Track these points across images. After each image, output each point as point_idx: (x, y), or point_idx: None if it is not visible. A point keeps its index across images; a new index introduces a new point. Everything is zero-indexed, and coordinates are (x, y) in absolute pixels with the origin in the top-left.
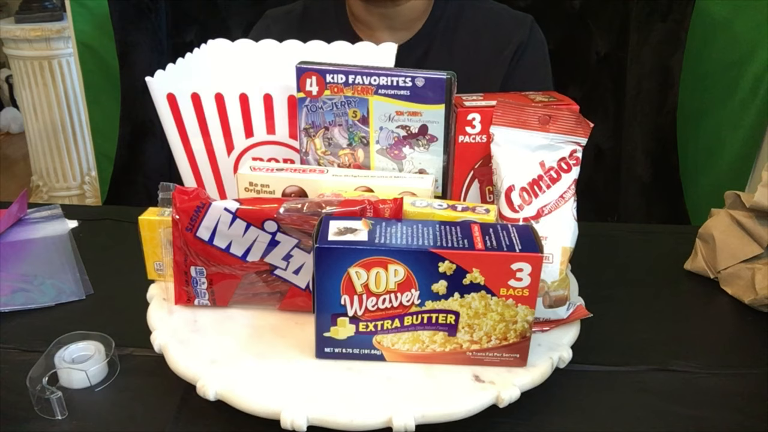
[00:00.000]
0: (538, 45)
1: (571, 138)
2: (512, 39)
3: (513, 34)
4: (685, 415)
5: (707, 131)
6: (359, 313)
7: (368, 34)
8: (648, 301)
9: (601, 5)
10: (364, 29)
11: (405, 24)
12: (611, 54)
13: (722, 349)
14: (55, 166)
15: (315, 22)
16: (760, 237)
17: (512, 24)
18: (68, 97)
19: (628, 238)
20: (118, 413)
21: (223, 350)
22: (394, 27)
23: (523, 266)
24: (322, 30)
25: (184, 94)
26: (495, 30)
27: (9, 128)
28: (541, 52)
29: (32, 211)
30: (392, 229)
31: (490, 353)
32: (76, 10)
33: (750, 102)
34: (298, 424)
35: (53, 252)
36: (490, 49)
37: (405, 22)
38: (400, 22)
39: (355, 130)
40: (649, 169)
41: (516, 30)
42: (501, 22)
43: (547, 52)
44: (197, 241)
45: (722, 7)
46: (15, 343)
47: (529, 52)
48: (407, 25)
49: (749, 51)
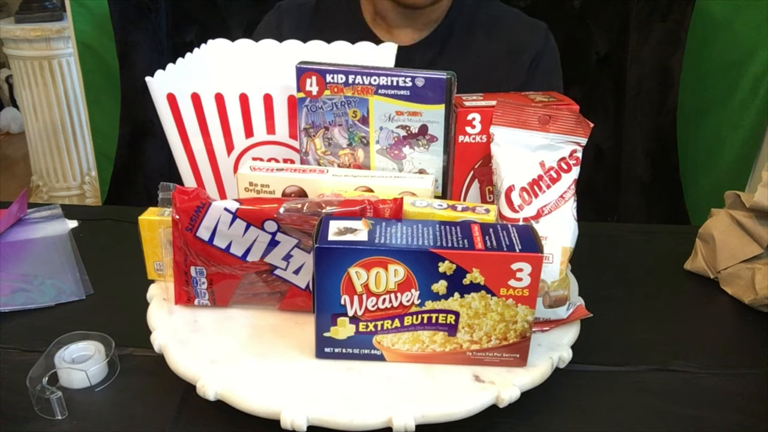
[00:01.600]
0: (553, 53)
1: (571, 138)
2: (528, 46)
3: (529, 41)
4: (685, 415)
5: (707, 131)
6: (359, 313)
7: (385, 30)
8: (648, 301)
9: (601, 5)
10: (382, 25)
11: (428, 24)
12: (611, 54)
13: (722, 349)
14: (55, 166)
15: (327, 17)
16: (760, 237)
17: (527, 30)
18: (68, 97)
19: (628, 238)
20: (118, 413)
21: (223, 350)
22: (415, 27)
23: (523, 266)
24: (334, 24)
25: (184, 94)
26: (509, 34)
27: (9, 128)
28: (555, 59)
29: (32, 211)
30: (392, 229)
31: (490, 353)
32: (76, 10)
33: (750, 102)
34: (298, 424)
35: (53, 252)
36: (504, 54)
37: (428, 22)
38: (423, 23)
39: (355, 130)
40: (649, 169)
41: (532, 37)
42: (516, 27)
43: (559, 59)
44: (197, 241)
45: (722, 7)
46: (15, 343)
47: (544, 60)
48: (429, 25)
49: (749, 51)
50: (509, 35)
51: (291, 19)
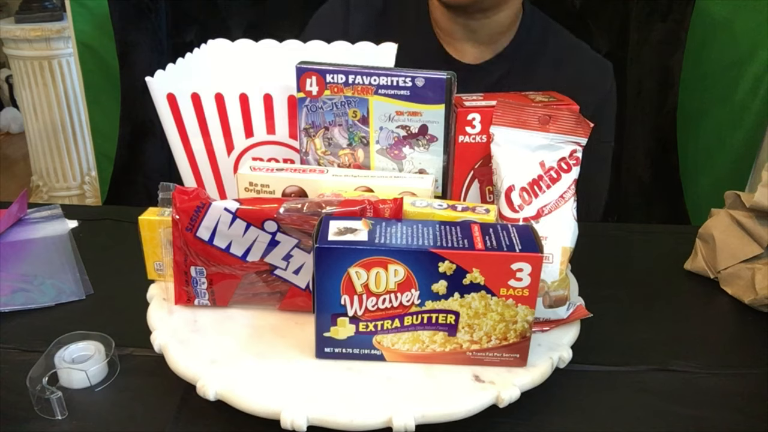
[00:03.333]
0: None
1: (571, 138)
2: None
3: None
4: (685, 415)
5: (707, 131)
6: (359, 313)
7: (450, 44)
8: (648, 301)
9: (601, 5)
10: (447, 38)
11: (489, 38)
12: (611, 54)
13: (722, 349)
14: (55, 166)
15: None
16: (760, 237)
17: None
18: (68, 97)
19: (628, 238)
20: (118, 413)
21: (223, 350)
22: (477, 40)
23: (523, 266)
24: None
25: (184, 94)
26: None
27: (9, 128)
28: (614, 99)
29: (32, 211)
30: (392, 229)
31: (490, 353)
32: (76, 10)
33: (750, 102)
34: (298, 424)
35: (53, 252)
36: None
37: (489, 35)
38: (484, 35)
39: (355, 130)
40: (649, 169)
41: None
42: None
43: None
44: (197, 241)
45: (722, 7)
46: (15, 343)
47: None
48: (492, 38)
49: (749, 51)
50: (576, 70)
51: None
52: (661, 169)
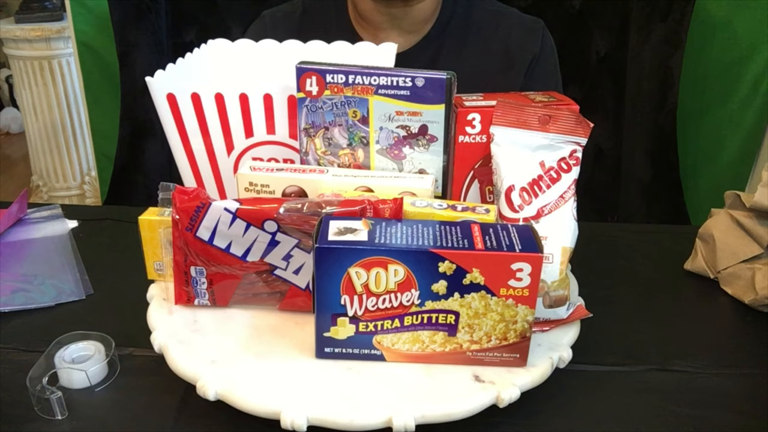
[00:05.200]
0: (550, 52)
1: (571, 138)
2: (525, 49)
3: (526, 43)
4: (685, 415)
5: (707, 131)
6: (359, 313)
7: (373, 35)
8: (648, 301)
9: (601, 5)
10: (370, 30)
11: (414, 26)
12: (611, 54)
13: (722, 349)
14: (55, 166)
15: (315, 22)
16: (760, 237)
17: (524, 31)
18: (68, 97)
19: (628, 238)
20: (118, 413)
21: (223, 350)
22: (402, 28)
23: (523, 266)
24: (323, 30)
25: (184, 94)
26: (506, 36)
27: (9, 128)
28: (552, 59)
29: (32, 211)
30: (392, 229)
31: (490, 353)
32: (76, 10)
33: (750, 102)
34: (298, 424)
35: (53, 252)
36: (501, 56)
37: (414, 23)
38: (409, 24)
39: (355, 130)
40: (649, 169)
41: (528, 39)
42: (512, 27)
43: (557, 58)
44: (197, 241)
45: (722, 7)
46: (15, 343)
47: (542, 61)
48: (416, 27)
49: (749, 51)
50: (506, 37)
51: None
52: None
